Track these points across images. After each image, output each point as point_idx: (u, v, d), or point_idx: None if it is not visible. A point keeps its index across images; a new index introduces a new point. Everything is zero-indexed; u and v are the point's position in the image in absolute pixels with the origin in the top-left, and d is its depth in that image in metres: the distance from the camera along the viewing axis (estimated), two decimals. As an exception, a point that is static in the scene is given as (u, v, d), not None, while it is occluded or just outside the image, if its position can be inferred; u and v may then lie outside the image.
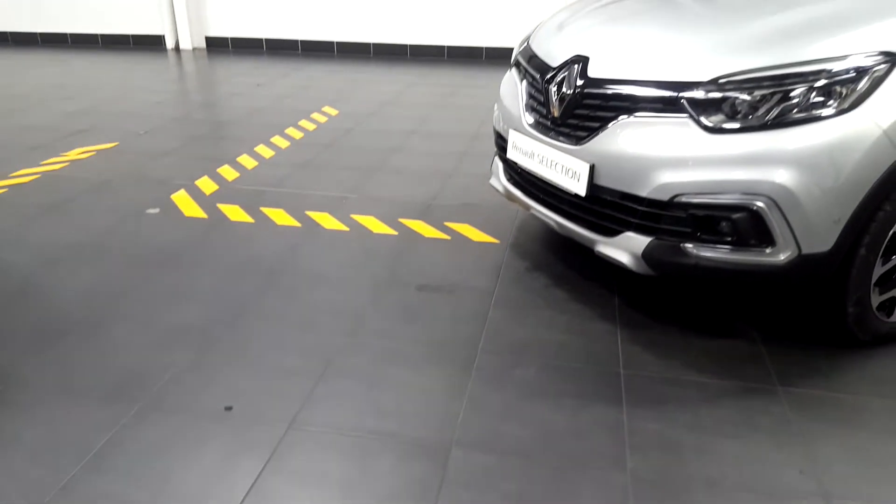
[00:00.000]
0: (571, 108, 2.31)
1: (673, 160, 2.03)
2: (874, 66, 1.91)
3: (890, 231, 2.06)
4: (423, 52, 8.27)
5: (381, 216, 3.43)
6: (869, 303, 2.17)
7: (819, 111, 1.91)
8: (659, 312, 2.56)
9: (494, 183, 2.93)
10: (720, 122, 1.98)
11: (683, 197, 2.02)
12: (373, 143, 4.69)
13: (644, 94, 2.12)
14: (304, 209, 3.51)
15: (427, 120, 5.34)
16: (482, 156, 4.35)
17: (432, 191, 3.79)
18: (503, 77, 2.96)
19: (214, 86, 6.73)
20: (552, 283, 2.79)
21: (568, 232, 2.48)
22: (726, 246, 2.05)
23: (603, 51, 2.33)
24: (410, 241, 3.18)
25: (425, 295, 2.69)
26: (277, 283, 2.77)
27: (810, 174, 1.90)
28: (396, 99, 6.05)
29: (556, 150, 2.35)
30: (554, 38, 2.63)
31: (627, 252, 2.22)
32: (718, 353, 2.31)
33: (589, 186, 2.24)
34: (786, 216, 1.94)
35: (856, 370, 2.22)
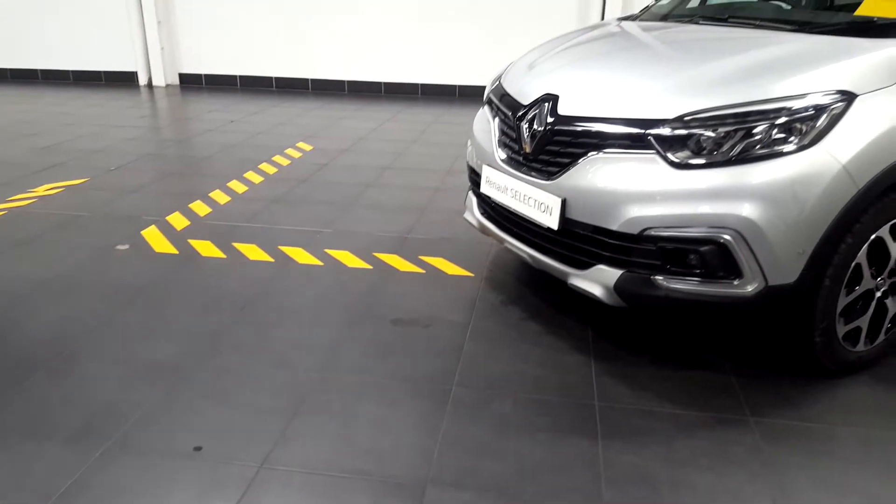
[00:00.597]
0: (543, 145, 2.36)
1: (642, 195, 2.08)
2: (832, 104, 1.99)
3: (852, 262, 2.12)
4: (397, 90, 8.38)
5: (355, 250, 3.43)
6: (835, 333, 2.22)
7: (781, 147, 1.97)
8: (632, 344, 2.59)
9: (469, 217, 2.96)
10: (686, 158, 2.04)
11: (653, 230, 2.07)
12: (347, 179, 4.71)
13: (612, 130, 2.18)
14: (277, 244, 3.50)
15: (401, 155, 5.39)
16: (456, 190, 4.39)
17: (407, 225, 3.81)
18: (476, 114, 3.01)
19: (187, 122, 6.72)
20: (527, 316, 2.80)
21: (541, 265, 2.50)
22: (695, 278, 2.09)
23: (572, 89, 2.39)
24: (385, 275, 3.18)
25: (400, 329, 2.68)
26: (249, 318, 2.74)
27: (774, 208, 1.96)
28: (371, 135, 6.10)
29: (528, 185, 2.39)
30: (525, 77, 2.70)
31: (600, 285, 2.25)
32: (690, 384, 2.33)
33: (561, 220, 2.27)
34: (752, 249, 1.99)
35: (825, 399, 2.25)
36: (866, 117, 2.00)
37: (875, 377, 2.37)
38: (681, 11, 3.23)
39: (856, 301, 2.22)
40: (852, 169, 1.97)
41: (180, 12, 8.33)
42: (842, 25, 2.53)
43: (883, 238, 2.15)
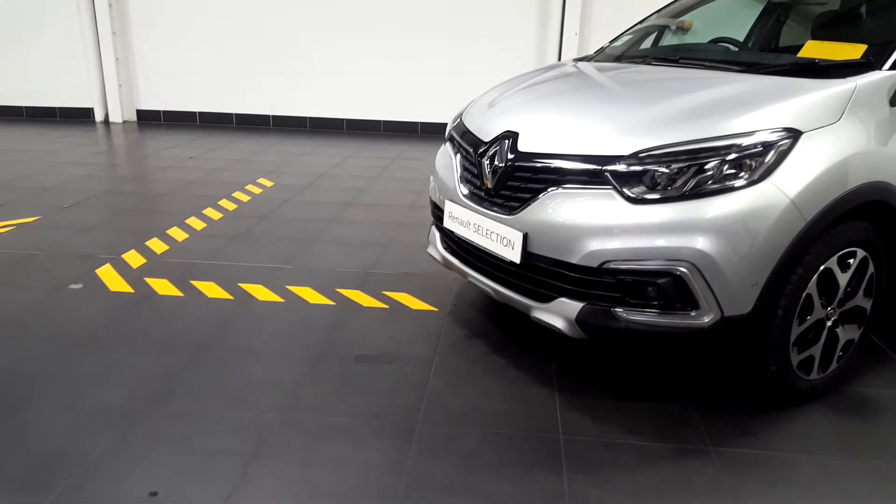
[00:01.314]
0: (504, 180, 2.40)
1: (600, 229, 2.12)
2: (779, 141, 2.08)
3: (803, 293, 2.19)
4: (359, 127, 8.43)
5: (317, 287, 3.40)
6: (789, 362, 2.27)
7: (732, 182, 2.05)
8: (595, 377, 2.61)
9: (432, 251, 2.97)
10: (642, 193, 2.10)
11: (612, 263, 2.11)
12: (309, 215, 4.69)
13: (571, 167, 2.23)
14: (236, 281, 3.44)
15: (364, 191, 5.40)
16: (419, 226, 4.41)
17: (370, 260, 3.80)
18: (438, 150, 3.05)
19: (145, 159, 6.62)
20: (491, 349, 2.81)
21: (504, 299, 2.52)
22: (654, 310, 2.13)
23: (532, 127, 2.45)
24: (348, 311, 3.15)
25: (363, 366, 2.65)
26: (207, 358, 2.68)
27: (727, 241, 2.02)
28: (333, 171, 6.11)
29: (490, 220, 2.42)
30: (485, 114, 2.75)
31: (562, 317, 2.27)
32: (652, 415, 2.36)
33: (523, 254, 2.30)
34: (707, 281, 2.04)
35: (783, 428, 2.30)
36: (812, 153, 2.10)
37: (829, 405, 2.43)
38: (634, 52, 3.36)
39: (808, 330, 2.29)
40: (800, 203, 2.05)
41: (139, 49, 8.28)
42: (786, 66, 2.66)
43: (831, 269, 2.23)
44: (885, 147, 2.27)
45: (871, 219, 2.30)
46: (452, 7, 7.88)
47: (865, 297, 2.39)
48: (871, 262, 2.34)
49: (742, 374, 2.45)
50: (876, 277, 2.39)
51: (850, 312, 2.38)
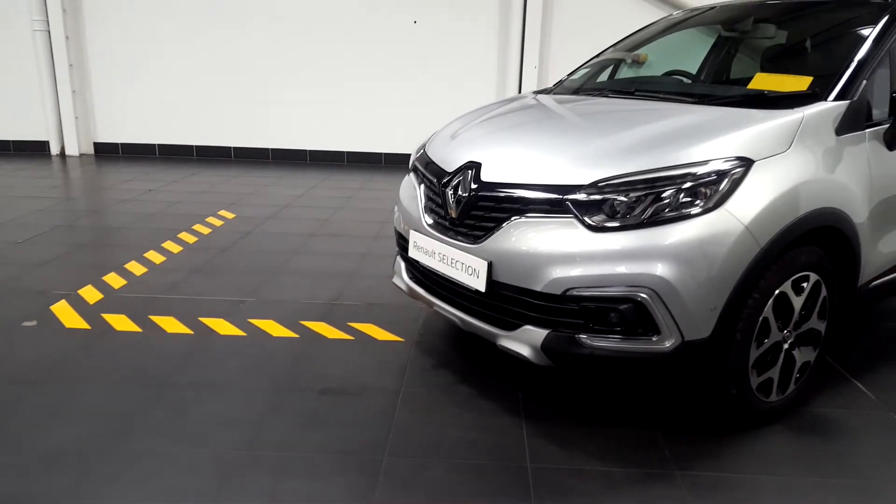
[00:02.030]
0: (468, 210, 2.42)
1: (563, 256, 2.15)
2: (732, 170, 2.15)
3: (760, 317, 2.24)
4: (323, 158, 8.43)
5: (281, 319, 3.36)
6: (749, 384, 2.32)
7: (688, 210, 2.10)
8: (561, 404, 2.62)
9: (397, 281, 2.97)
10: (602, 221, 2.14)
11: (575, 290, 2.13)
12: (272, 246, 4.65)
13: (533, 196, 2.27)
14: (197, 315, 3.38)
15: (328, 222, 5.38)
16: (384, 256, 4.40)
17: (335, 291, 3.77)
18: (402, 181, 3.07)
19: (102, 192, 6.49)
20: (458, 379, 2.80)
21: (471, 327, 2.53)
22: (617, 336, 2.16)
23: (494, 157, 2.49)
24: (313, 343, 3.11)
25: (328, 399, 2.61)
26: (167, 395, 2.61)
27: (685, 267, 2.07)
28: (296, 202, 6.08)
29: (455, 249, 2.44)
30: (448, 145, 2.79)
31: (527, 345, 2.28)
32: (618, 440, 2.37)
33: (488, 283, 2.32)
34: (667, 306, 2.08)
35: (745, 450, 2.33)
36: (763, 181, 2.17)
37: (789, 426, 2.48)
38: (591, 85, 3.45)
39: (766, 353, 2.34)
40: (754, 229, 2.12)
41: (97, 81, 8.17)
42: (737, 98, 2.77)
43: (786, 293, 2.30)
44: (833, 174, 2.37)
45: (822, 244, 2.38)
46: (415, 40, 8.01)
47: (820, 320, 2.47)
48: (824, 285, 2.42)
49: (704, 398, 2.49)
50: (829, 300, 2.47)
51: (806, 335, 2.45)
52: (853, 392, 2.74)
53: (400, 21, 7.95)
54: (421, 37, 7.99)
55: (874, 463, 2.27)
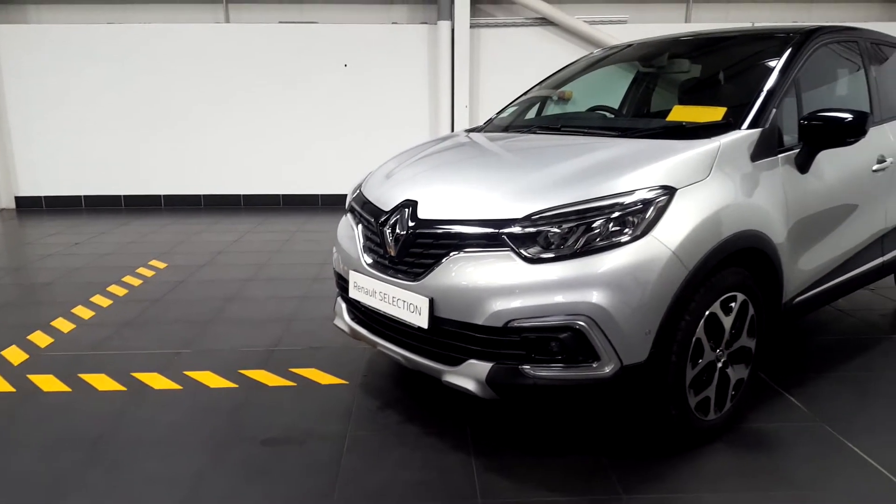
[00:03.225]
0: (406, 248, 2.43)
1: (502, 289, 2.18)
2: (657, 198, 2.24)
3: (693, 338, 2.32)
4: (257, 202, 8.33)
5: (218, 369, 3.25)
6: (687, 404, 2.39)
7: (618, 238, 2.18)
8: (509, 437, 2.62)
9: (339, 323, 2.93)
10: (538, 253, 2.19)
11: (516, 322, 2.16)
12: (207, 294, 4.52)
13: (470, 231, 2.30)
14: (129, 371, 3.24)
15: (264, 267, 5.28)
16: (324, 298, 4.35)
17: (274, 337, 3.69)
18: (339, 221, 3.06)
19: (25, 247, 6.20)
20: (405, 419, 2.77)
21: (415, 365, 2.51)
22: (559, 364, 2.19)
23: (430, 195, 2.52)
24: (252, 392, 3.02)
25: (271, 449, 2.54)
26: (101, 456, 2.48)
27: (619, 293, 2.13)
28: (231, 248, 5.96)
29: (396, 287, 2.44)
30: (384, 185, 2.81)
31: (472, 379, 2.29)
32: (567, 469, 2.39)
33: (430, 319, 2.32)
34: (605, 332, 2.13)
35: (688, 469, 2.39)
36: (687, 208, 2.27)
37: (728, 443, 2.55)
38: (520, 122, 3.56)
39: (701, 373, 2.42)
40: (681, 254, 2.21)
41: (16, 134, 7.88)
42: (658, 130, 2.90)
43: (716, 313, 2.39)
44: (751, 198, 2.50)
45: (746, 264, 2.50)
46: (346, 83, 8.08)
47: (749, 338, 2.57)
48: (751, 304, 2.53)
49: (646, 420, 2.54)
50: (756, 318, 2.58)
51: (738, 353, 2.54)
52: (786, 405, 2.86)
53: (330, 64, 8.02)
54: (352, 79, 8.08)
55: (811, 474, 2.35)
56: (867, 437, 2.57)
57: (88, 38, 7.81)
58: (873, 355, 3.41)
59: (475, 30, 7.98)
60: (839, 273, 3.10)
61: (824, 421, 2.71)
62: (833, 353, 3.44)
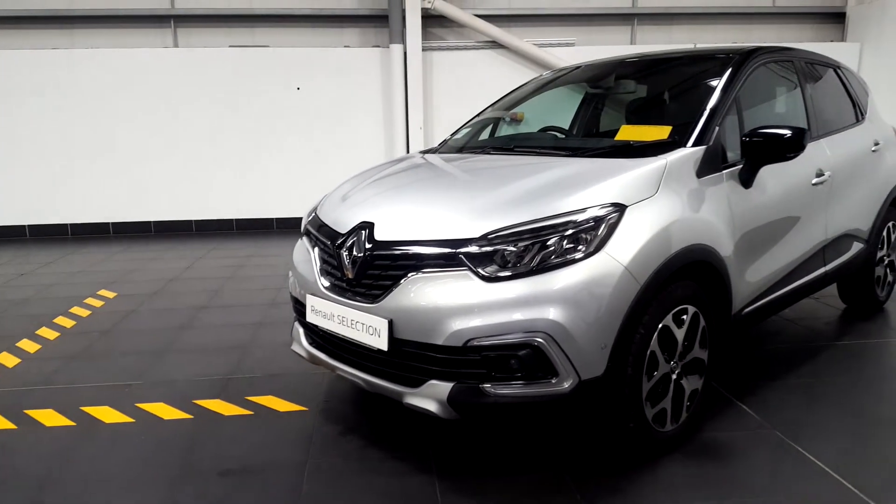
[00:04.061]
0: (364, 270, 2.43)
1: (461, 308, 2.20)
2: (608, 215, 2.30)
3: (648, 351, 2.37)
4: (210, 227, 8.18)
5: (172, 400, 3.17)
6: (644, 416, 2.43)
7: (573, 255, 2.22)
8: (472, 457, 2.61)
9: (297, 348, 2.89)
10: (495, 272, 2.22)
11: (475, 341, 2.17)
12: (159, 323, 4.41)
13: (427, 251, 2.31)
14: (79, 405, 3.12)
15: (219, 293, 5.18)
16: (281, 324, 4.29)
17: (230, 366, 3.61)
18: (295, 245, 3.03)
19: (-38, 278, 5.95)
20: (366, 443, 2.74)
21: (376, 388, 2.50)
22: (518, 382, 2.21)
23: (386, 216, 2.52)
24: (208, 423, 2.95)
25: (230, 480, 2.47)
26: (49, 497, 2.37)
27: (575, 309, 2.17)
28: (183, 275, 5.83)
29: (354, 310, 2.43)
30: (340, 207, 2.80)
31: (433, 399, 2.28)
32: (530, 487, 2.39)
33: (390, 341, 2.31)
34: (562, 348, 2.16)
35: (648, 480, 2.42)
36: (637, 224, 2.33)
37: (685, 453, 2.60)
38: (474, 143, 3.61)
39: (657, 385, 2.47)
40: (633, 269, 2.26)
41: (-47, 161, 7.59)
42: (607, 149, 2.98)
43: (669, 326, 2.45)
44: (698, 213, 2.58)
45: (696, 278, 2.57)
46: (300, 106, 8.06)
47: (702, 349, 2.64)
48: (702, 316, 2.60)
49: (605, 434, 2.58)
50: (708, 330, 2.65)
51: (691, 364, 2.61)
52: (739, 413, 2.93)
53: (283, 88, 7.99)
54: (306, 102, 8.06)
55: (764, 480, 2.41)
56: (816, 442, 2.66)
57: (32, 64, 7.61)
58: (820, 362, 3.53)
59: (427, 53, 8.07)
60: (784, 284, 3.21)
61: (775, 427, 2.79)
62: (781, 361, 3.55)
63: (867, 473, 2.43)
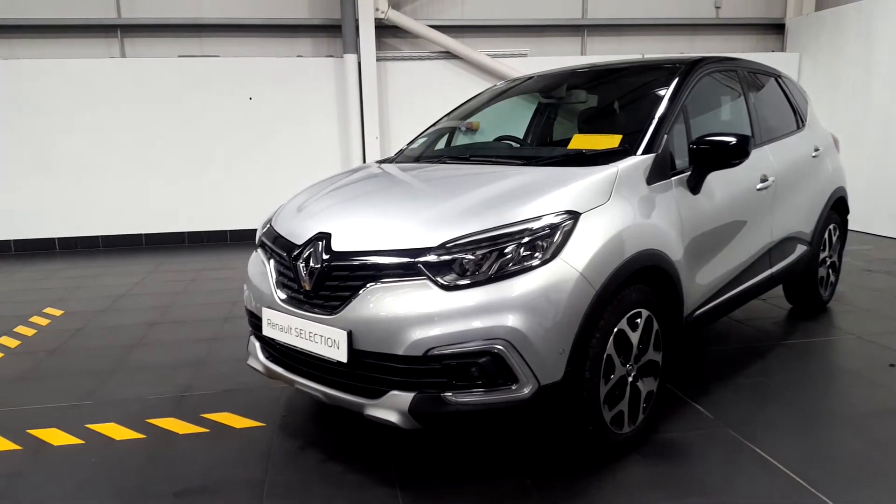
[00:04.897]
0: (322, 281, 2.41)
1: (420, 318, 2.20)
2: (563, 223, 2.33)
3: (604, 354, 2.41)
4: (160, 240, 7.99)
5: (124, 420, 3.07)
6: (603, 419, 2.47)
7: (530, 262, 2.25)
8: (434, 466, 2.61)
9: (253, 363, 2.84)
10: (453, 280, 2.23)
11: (436, 350, 2.18)
12: (108, 341, 4.27)
13: (386, 261, 2.31)
14: (25, 428, 3.00)
15: (171, 309, 5.06)
16: (236, 338, 4.21)
17: (184, 382, 3.52)
18: (250, 258, 2.98)
19: None
20: (327, 457, 2.70)
21: (335, 401, 2.47)
22: (479, 389, 2.22)
23: (344, 226, 2.51)
24: (163, 442, 2.87)
25: (186, 501, 2.41)
26: (-8, 525, 2.28)
27: (533, 316, 2.19)
28: (133, 290, 5.67)
29: (312, 322, 2.40)
30: (296, 218, 2.78)
31: (395, 410, 2.27)
32: (492, 494, 2.40)
33: (349, 353, 2.30)
34: (522, 354, 2.18)
35: (608, 482, 2.46)
36: (591, 230, 2.38)
37: (643, 454, 2.65)
38: (430, 153, 3.62)
39: (614, 388, 2.51)
40: (588, 274, 2.30)
41: None
42: (560, 158, 3.03)
43: (624, 330, 2.50)
44: (649, 219, 2.64)
45: (648, 282, 2.63)
46: (253, 116, 7.95)
47: (656, 351, 2.70)
48: (655, 319, 2.66)
49: (565, 438, 2.60)
50: (661, 332, 2.71)
51: (646, 366, 2.66)
52: (693, 414, 3.00)
53: (235, 98, 7.87)
54: (259, 113, 7.96)
55: (719, 477, 2.48)
56: (768, 439, 2.74)
57: (-31, 75, 7.32)
58: (769, 361, 3.65)
59: (382, 63, 8.07)
60: (733, 286, 3.32)
61: (728, 426, 2.87)
62: (732, 361, 3.66)
63: (817, 468, 2.52)
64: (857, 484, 2.41)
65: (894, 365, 3.54)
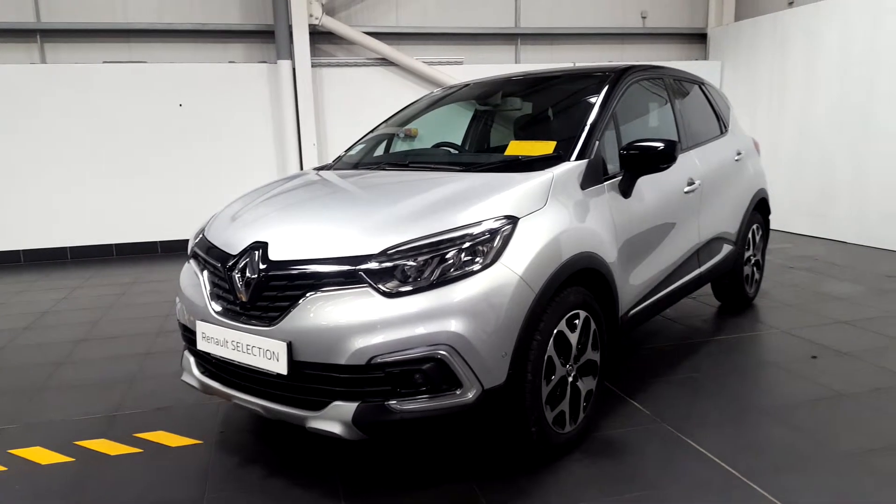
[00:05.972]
0: (259, 292, 2.35)
1: (363, 326, 2.18)
2: (502, 227, 2.36)
3: (545, 356, 2.46)
4: (87, 253, 7.64)
5: (50, 444, 2.91)
6: (545, 420, 2.51)
7: (471, 267, 2.26)
8: (380, 476, 2.59)
9: (188, 378, 2.75)
10: (395, 287, 2.22)
11: (379, 358, 2.16)
12: (32, 360, 4.05)
13: (325, 270, 2.28)
14: (-61, 457, 2.81)
15: (99, 324, 4.84)
16: (170, 353, 4.06)
17: (114, 401, 3.37)
18: (182, 269, 2.89)
19: None
20: (268, 473, 2.64)
21: (276, 414, 2.42)
22: (424, 396, 2.22)
23: (281, 235, 2.47)
24: (93, 465, 2.74)
25: (120, 524, 2.31)
26: None
27: (475, 320, 2.21)
28: (58, 306, 5.40)
29: (250, 334, 2.34)
30: (230, 227, 2.71)
31: (338, 421, 2.24)
32: (438, 499, 2.40)
33: (290, 364, 2.25)
34: (465, 359, 2.19)
35: (551, 482, 2.50)
36: (529, 235, 2.42)
37: (584, 452, 2.70)
38: (369, 160, 3.61)
39: (555, 388, 2.56)
40: (527, 278, 2.34)
41: None
42: (498, 164, 3.06)
43: (563, 331, 2.55)
44: (584, 223, 2.71)
45: (585, 284, 2.69)
46: (183, 123, 7.71)
47: (594, 351, 2.76)
48: (592, 320, 2.73)
49: (508, 439, 2.63)
50: (599, 332, 2.78)
51: (585, 366, 2.72)
52: (631, 410, 3.09)
53: (164, 105, 7.62)
54: (189, 120, 7.73)
55: (659, 473, 2.55)
56: (702, 432, 2.85)
57: None
58: (700, 357, 3.79)
59: (317, 69, 7.98)
60: (665, 285, 3.43)
61: (664, 421, 2.96)
62: (666, 358, 3.79)
63: (748, 458, 2.63)
64: (785, 471, 2.53)
65: (816, 357, 3.73)
